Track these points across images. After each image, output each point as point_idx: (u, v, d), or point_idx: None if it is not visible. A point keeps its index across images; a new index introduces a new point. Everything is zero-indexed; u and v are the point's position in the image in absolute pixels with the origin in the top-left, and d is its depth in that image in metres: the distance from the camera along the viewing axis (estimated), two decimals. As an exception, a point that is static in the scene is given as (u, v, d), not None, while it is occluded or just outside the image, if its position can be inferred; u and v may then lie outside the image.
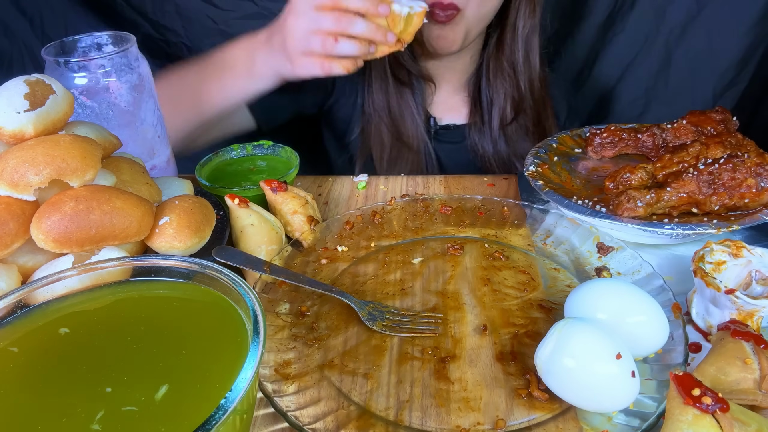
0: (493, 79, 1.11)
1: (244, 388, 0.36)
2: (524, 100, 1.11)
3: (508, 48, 1.08)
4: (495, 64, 1.10)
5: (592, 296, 0.57)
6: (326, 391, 0.57)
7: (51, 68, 0.76)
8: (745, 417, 0.42)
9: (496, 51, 1.10)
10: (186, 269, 0.48)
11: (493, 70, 1.11)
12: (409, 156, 1.12)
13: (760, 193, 0.72)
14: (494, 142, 1.13)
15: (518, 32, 1.06)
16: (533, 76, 1.10)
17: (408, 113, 1.11)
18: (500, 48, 1.09)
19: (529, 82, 1.10)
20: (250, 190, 0.82)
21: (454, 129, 1.17)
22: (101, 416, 0.37)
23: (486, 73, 1.12)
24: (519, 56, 1.08)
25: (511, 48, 1.08)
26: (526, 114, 1.13)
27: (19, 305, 0.46)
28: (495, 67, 1.10)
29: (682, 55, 1.34)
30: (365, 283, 0.72)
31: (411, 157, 1.12)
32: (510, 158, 1.14)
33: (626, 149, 0.92)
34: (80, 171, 0.58)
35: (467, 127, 1.15)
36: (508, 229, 0.80)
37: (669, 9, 1.30)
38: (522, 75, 1.09)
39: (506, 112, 1.11)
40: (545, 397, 0.54)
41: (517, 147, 1.13)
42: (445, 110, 1.17)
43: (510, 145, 1.14)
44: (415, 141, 1.11)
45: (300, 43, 0.88)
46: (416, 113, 1.12)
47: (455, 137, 1.17)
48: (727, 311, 0.60)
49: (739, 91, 1.35)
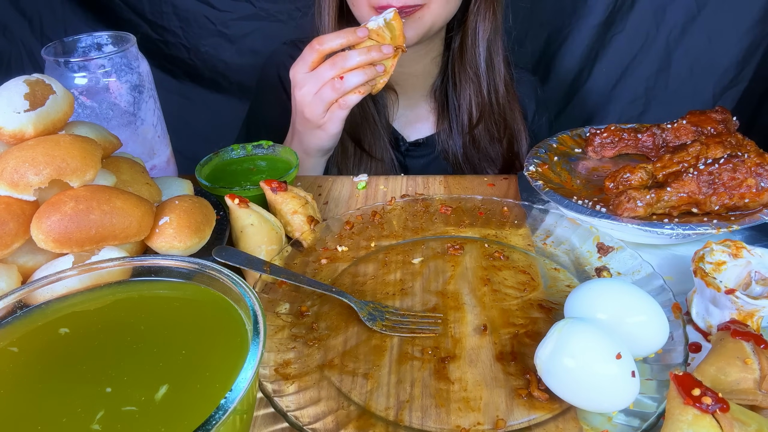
0: (458, 84, 1.11)
1: (244, 388, 0.36)
2: (490, 104, 1.11)
3: (470, 52, 1.08)
4: (459, 68, 1.11)
5: (592, 296, 0.57)
6: (326, 391, 0.57)
7: (51, 68, 0.76)
8: (745, 417, 0.42)
9: (459, 56, 1.10)
10: (186, 269, 0.48)
11: (458, 74, 1.11)
12: (370, 164, 1.12)
13: (760, 193, 0.72)
14: (464, 147, 1.13)
15: (478, 36, 1.07)
16: (497, 80, 1.10)
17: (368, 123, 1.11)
18: (462, 53, 1.09)
19: (493, 86, 1.10)
20: (250, 190, 0.82)
21: (424, 143, 1.17)
22: (101, 416, 0.37)
23: (452, 79, 1.12)
24: (481, 60, 1.08)
25: (472, 52, 1.08)
26: (493, 117, 1.13)
27: (19, 305, 0.46)
28: (459, 71, 1.11)
29: (682, 55, 1.34)
30: (365, 283, 0.72)
31: (374, 165, 1.12)
32: (480, 163, 1.14)
33: (626, 149, 0.92)
34: (80, 171, 0.58)
35: (437, 135, 1.16)
36: (508, 229, 0.80)
37: (669, 9, 1.30)
38: (485, 79, 1.09)
39: (472, 116, 1.11)
40: (545, 397, 0.54)
41: (488, 151, 1.14)
42: (412, 122, 1.17)
43: (479, 150, 1.14)
44: (378, 152, 1.12)
45: (316, 104, 0.91)
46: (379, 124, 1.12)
47: (426, 151, 1.17)
48: (727, 311, 0.60)
49: (739, 91, 1.35)
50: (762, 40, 1.29)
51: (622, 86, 1.39)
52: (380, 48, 0.87)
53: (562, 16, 1.34)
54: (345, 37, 0.87)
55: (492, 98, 1.10)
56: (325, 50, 0.88)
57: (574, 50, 1.37)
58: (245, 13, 1.37)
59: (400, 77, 1.13)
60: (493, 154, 1.14)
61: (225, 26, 1.39)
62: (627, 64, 1.37)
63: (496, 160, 1.15)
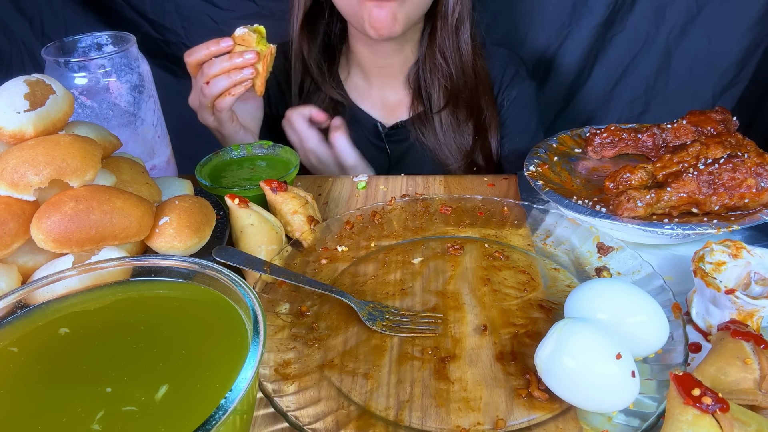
0: (429, 71, 1.12)
1: (244, 388, 0.36)
2: (456, 90, 1.12)
3: (440, 37, 1.09)
4: (429, 54, 1.12)
5: (592, 296, 0.57)
6: (326, 391, 0.57)
7: (51, 68, 0.76)
8: (745, 417, 0.42)
9: (429, 42, 1.11)
10: (186, 269, 0.48)
11: (428, 61, 1.12)
12: None
13: (760, 193, 0.72)
14: (435, 133, 1.14)
15: (447, 21, 1.08)
16: (465, 66, 1.11)
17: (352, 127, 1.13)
18: (432, 39, 1.11)
19: (462, 71, 1.11)
20: (250, 190, 0.82)
21: (401, 127, 1.18)
22: (101, 416, 0.37)
23: (423, 65, 1.13)
24: (449, 45, 1.09)
25: (441, 37, 1.09)
26: (459, 104, 1.14)
27: (19, 305, 0.46)
28: (429, 57, 1.12)
29: (682, 55, 1.34)
30: (365, 283, 0.72)
31: None
32: (451, 151, 1.15)
33: (626, 149, 0.92)
34: (80, 171, 0.58)
35: (410, 122, 1.17)
36: (508, 229, 0.80)
37: (669, 9, 1.30)
38: (452, 64, 1.10)
39: (440, 101, 1.13)
40: (545, 397, 0.54)
41: (455, 137, 1.15)
42: (391, 109, 1.19)
43: (448, 136, 1.15)
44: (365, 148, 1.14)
45: (201, 110, 1.00)
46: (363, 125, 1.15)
47: (403, 134, 1.18)
48: (727, 311, 0.60)
49: (739, 91, 1.35)
50: (762, 40, 1.29)
51: (622, 86, 1.39)
52: (242, 54, 0.90)
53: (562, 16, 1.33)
54: (208, 47, 0.92)
55: (459, 83, 1.11)
56: (191, 61, 0.94)
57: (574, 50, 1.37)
58: (248, 11, 1.37)
59: (378, 68, 1.15)
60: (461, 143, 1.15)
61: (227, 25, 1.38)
62: (627, 64, 1.37)
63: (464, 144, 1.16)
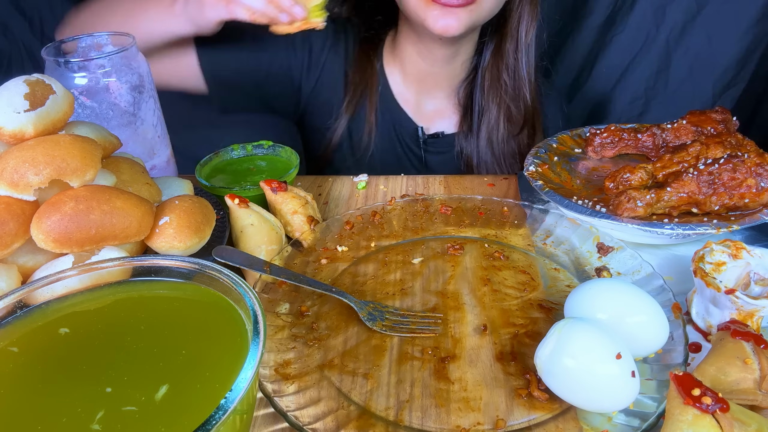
0: (487, 90, 1.09)
1: (244, 388, 0.36)
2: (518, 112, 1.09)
3: (511, 57, 1.05)
4: (491, 74, 1.08)
5: (592, 296, 0.57)
6: (326, 391, 0.57)
7: (51, 68, 0.76)
8: (745, 417, 0.42)
9: (493, 60, 1.08)
10: (186, 269, 0.48)
11: (489, 80, 1.09)
12: None
13: (760, 193, 0.72)
14: (480, 151, 1.12)
15: (521, 41, 1.04)
16: (531, 87, 1.08)
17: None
18: (499, 57, 1.07)
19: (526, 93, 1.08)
20: (250, 190, 0.82)
21: (443, 137, 1.15)
22: (101, 416, 0.37)
23: (481, 83, 1.10)
24: (522, 65, 1.05)
25: (515, 56, 1.05)
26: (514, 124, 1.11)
27: (19, 305, 0.46)
28: (491, 77, 1.08)
29: (682, 55, 1.34)
30: (365, 283, 0.72)
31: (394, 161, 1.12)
32: (493, 167, 1.13)
33: (626, 149, 0.92)
34: (80, 171, 0.58)
35: (456, 136, 1.15)
36: (508, 229, 0.80)
37: (669, 9, 1.30)
38: (520, 86, 1.07)
39: (499, 123, 1.09)
40: (545, 397, 0.54)
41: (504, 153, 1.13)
42: (433, 117, 1.16)
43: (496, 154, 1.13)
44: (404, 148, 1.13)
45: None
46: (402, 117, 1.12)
47: (443, 146, 1.16)
48: (727, 311, 0.60)
49: (739, 91, 1.35)
50: (762, 39, 1.29)
51: (622, 86, 1.39)
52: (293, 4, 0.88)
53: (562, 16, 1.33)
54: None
55: (521, 105, 1.08)
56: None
57: (574, 50, 1.37)
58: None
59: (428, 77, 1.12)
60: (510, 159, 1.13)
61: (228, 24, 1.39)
62: (627, 64, 1.37)
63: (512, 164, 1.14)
